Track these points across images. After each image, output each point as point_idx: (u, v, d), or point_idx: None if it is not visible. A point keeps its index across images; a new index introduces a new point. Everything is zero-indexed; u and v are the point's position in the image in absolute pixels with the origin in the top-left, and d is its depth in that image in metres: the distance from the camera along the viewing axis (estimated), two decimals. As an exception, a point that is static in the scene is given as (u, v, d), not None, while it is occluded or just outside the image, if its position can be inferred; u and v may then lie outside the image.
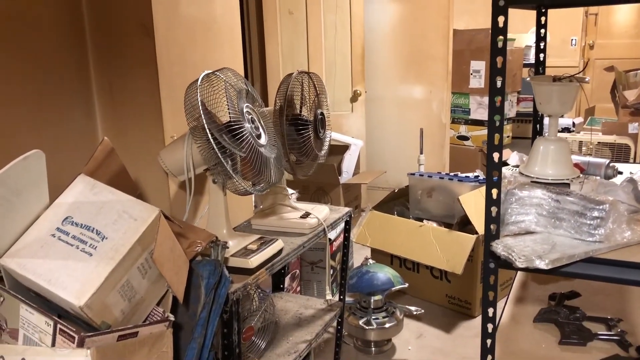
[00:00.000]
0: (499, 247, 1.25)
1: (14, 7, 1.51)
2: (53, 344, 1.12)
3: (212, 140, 1.44)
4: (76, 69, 1.70)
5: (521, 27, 5.17)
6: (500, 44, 1.16)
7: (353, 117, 3.92)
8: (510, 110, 4.89)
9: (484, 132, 4.57)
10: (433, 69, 4.12)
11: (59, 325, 1.12)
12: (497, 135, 1.22)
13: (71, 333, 1.10)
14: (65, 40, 1.66)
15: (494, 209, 1.26)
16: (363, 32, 3.89)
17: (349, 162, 3.45)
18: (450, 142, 4.36)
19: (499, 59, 1.17)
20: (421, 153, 3.78)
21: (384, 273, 2.53)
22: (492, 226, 1.27)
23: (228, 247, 1.55)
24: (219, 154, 1.46)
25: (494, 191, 1.24)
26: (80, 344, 1.10)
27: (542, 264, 1.20)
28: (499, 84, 1.20)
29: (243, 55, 2.16)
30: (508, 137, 5.03)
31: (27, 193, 1.24)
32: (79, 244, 1.20)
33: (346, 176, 3.44)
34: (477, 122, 4.62)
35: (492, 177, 1.23)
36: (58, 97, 1.66)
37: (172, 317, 1.27)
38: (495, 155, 1.22)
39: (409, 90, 4.21)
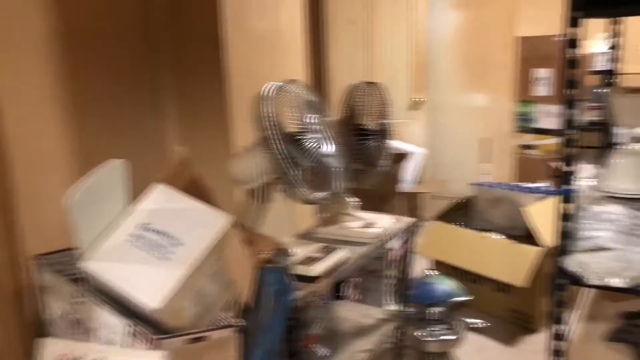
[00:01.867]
0: (571, 263, 1.22)
1: (94, 24, 1.60)
2: (129, 345, 1.18)
3: (279, 150, 1.47)
4: (149, 82, 1.78)
5: (587, 35, 4.99)
6: (576, 56, 1.14)
7: (414, 125, 3.90)
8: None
9: (549, 141, 4.43)
10: (496, 76, 4.04)
11: (135, 327, 1.17)
12: (571, 150, 1.19)
13: (146, 335, 1.15)
14: (140, 54, 1.74)
15: (566, 224, 1.23)
16: (425, 40, 3.87)
17: (409, 171, 3.43)
18: (514, 151, 4.26)
19: (575, 72, 1.14)
20: (484, 162, 3.71)
21: (445, 284, 2.49)
22: (564, 242, 1.24)
23: (293, 255, 1.58)
24: (286, 164, 1.49)
25: (567, 206, 1.21)
26: (155, 346, 1.14)
27: (619, 282, 1.16)
28: (573, 96, 1.17)
29: (309, 65, 2.19)
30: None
31: (108, 200, 1.30)
32: (156, 250, 1.25)
33: (407, 185, 3.42)
34: (543, 131, 4.49)
35: (566, 192, 1.20)
36: (132, 108, 1.73)
37: (240, 323, 1.30)
38: (569, 170, 1.19)
39: (472, 98, 4.14)
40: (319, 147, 1.57)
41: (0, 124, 1.40)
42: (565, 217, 1.22)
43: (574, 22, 1.14)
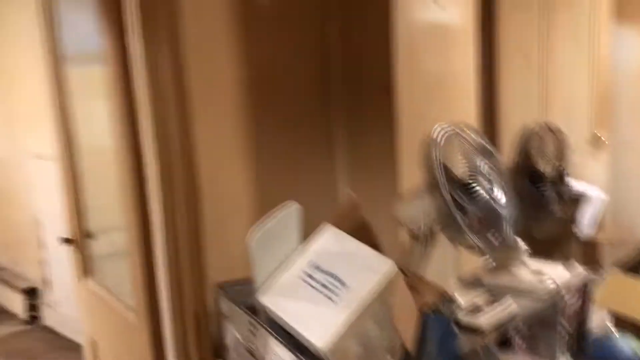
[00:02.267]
0: None
1: (276, 75, 1.74)
2: (295, 379, 1.24)
3: (446, 194, 1.46)
4: (323, 128, 1.88)
5: None
6: None
7: (594, 165, 3.60)
8: None
9: None
10: (695, 110, 3.59)
11: (302, 362, 1.23)
12: None
13: (314, 372, 1.20)
14: (315, 101, 1.85)
15: None
16: (609, 70, 3.58)
17: (588, 215, 3.16)
18: None
19: None
20: (679, 208, 3.30)
21: (628, 345, 2.24)
22: None
23: (458, 303, 1.54)
24: (453, 209, 1.47)
25: None
26: (320, 384, 1.19)
27: None
28: None
29: (483, 106, 2.15)
30: None
31: (282, 239, 1.40)
32: (323, 289, 1.31)
33: (585, 230, 3.16)
34: None
35: None
36: (306, 153, 1.84)
37: (402, 369, 1.30)
38: None
39: (664, 135, 3.72)
40: (489, 192, 1.53)
41: (196, 167, 1.58)
42: None
43: None
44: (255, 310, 1.44)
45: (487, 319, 1.50)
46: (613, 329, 2.38)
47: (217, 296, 1.61)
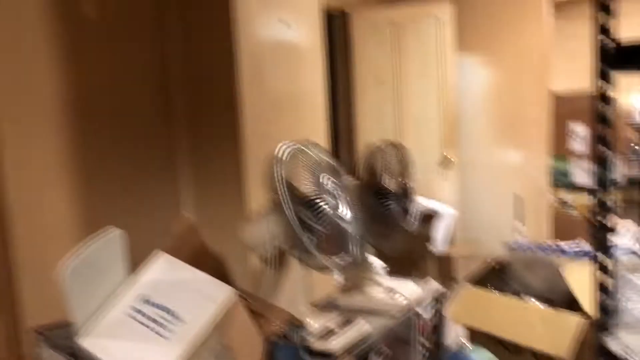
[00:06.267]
0: (613, 343, 1.07)
1: (107, 94, 1.59)
2: None
3: (291, 214, 1.40)
4: (165, 144, 1.75)
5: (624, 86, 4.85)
6: (607, 111, 1.04)
7: (444, 184, 3.79)
8: (617, 175, 4.52)
9: (587, 197, 4.24)
10: (530, 132, 3.93)
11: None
12: (607, 215, 1.07)
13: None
14: (156, 117, 1.72)
15: (605, 299, 1.09)
16: (455, 98, 3.81)
17: (440, 232, 3.29)
18: (551, 208, 4.08)
19: (606, 127, 1.04)
20: (519, 221, 3.55)
21: (481, 357, 2.31)
22: (603, 318, 1.10)
23: (308, 328, 1.46)
24: (298, 229, 1.40)
25: (606, 279, 1.08)
26: None
27: (671, 368, 1.01)
28: (604, 153, 1.06)
29: (333, 125, 2.14)
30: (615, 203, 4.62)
31: (105, 271, 1.23)
32: (154, 325, 1.17)
33: (438, 246, 3.28)
34: (580, 188, 4.30)
35: (603, 264, 1.07)
36: (145, 171, 1.70)
37: (245, 406, 1.19)
38: (607, 238, 1.07)
39: (504, 155, 4.02)
40: (336, 210, 1.48)
41: (3, 193, 1.37)
42: (604, 291, 1.09)
43: (604, 76, 1.04)
44: (78, 356, 1.25)
45: (338, 342, 1.44)
46: (467, 342, 2.45)
47: (35, 342, 1.39)
